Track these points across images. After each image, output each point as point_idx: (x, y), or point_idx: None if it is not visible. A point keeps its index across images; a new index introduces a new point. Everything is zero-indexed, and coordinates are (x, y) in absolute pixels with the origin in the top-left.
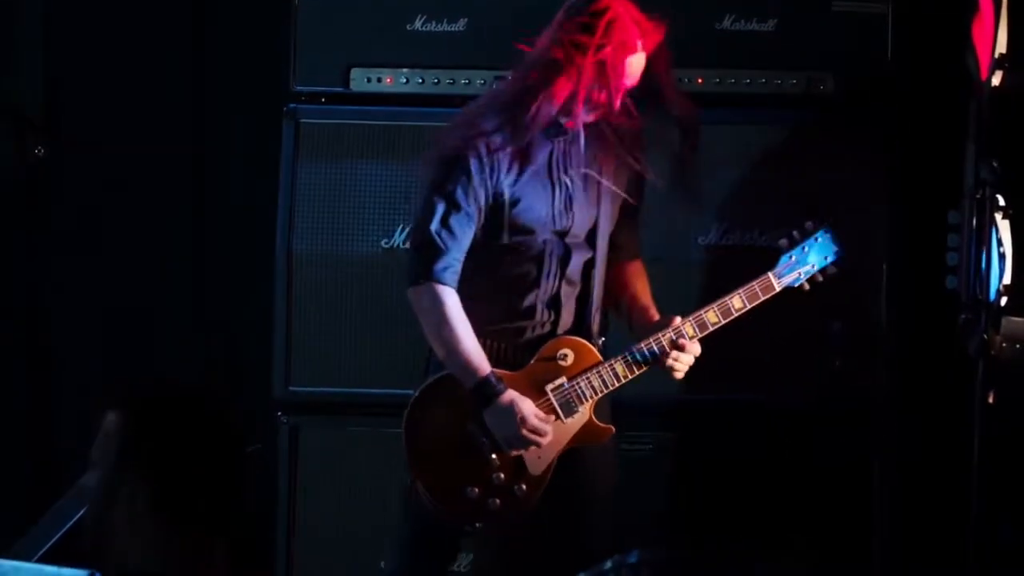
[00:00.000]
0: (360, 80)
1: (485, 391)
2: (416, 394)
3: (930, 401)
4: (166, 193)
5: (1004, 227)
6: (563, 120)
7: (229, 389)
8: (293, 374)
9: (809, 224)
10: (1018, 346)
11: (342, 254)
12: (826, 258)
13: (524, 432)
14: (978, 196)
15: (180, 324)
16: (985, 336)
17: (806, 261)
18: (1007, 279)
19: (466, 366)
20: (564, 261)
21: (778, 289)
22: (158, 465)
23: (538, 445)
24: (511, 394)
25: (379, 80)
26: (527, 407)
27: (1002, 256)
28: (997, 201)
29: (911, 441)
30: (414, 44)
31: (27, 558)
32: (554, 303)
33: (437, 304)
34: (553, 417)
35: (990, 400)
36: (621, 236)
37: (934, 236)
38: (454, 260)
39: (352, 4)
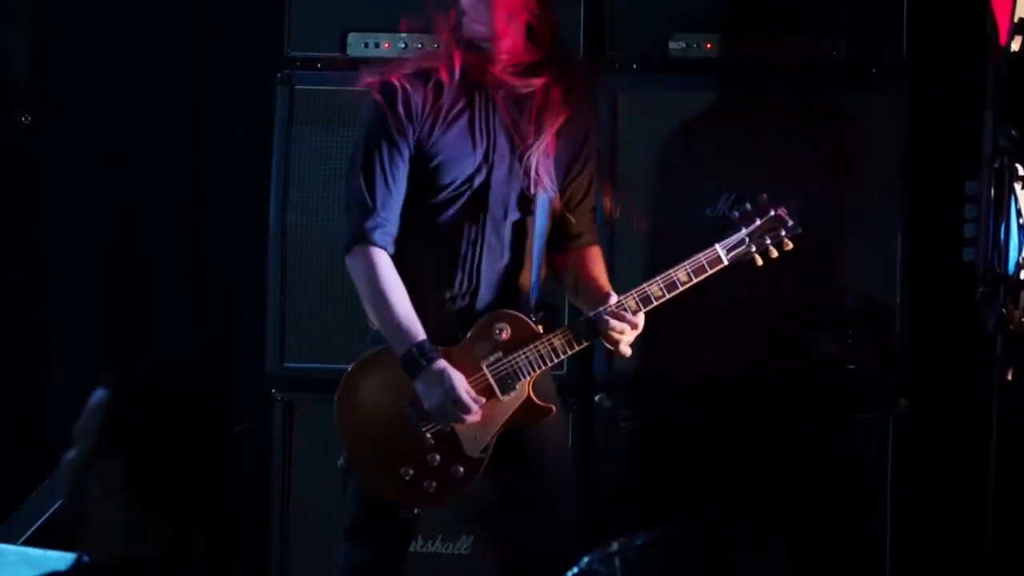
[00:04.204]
0: (357, 45)
1: (417, 357)
2: (349, 370)
3: (947, 378)
4: (158, 163)
5: (1023, 197)
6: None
7: (222, 365)
8: (287, 350)
9: (764, 196)
10: None
11: (338, 226)
12: (782, 232)
13: (450, 403)
14: (996, 165)
15: (173, 300)
16: (1004, 311)
17: (759, 237)
18: None
19: (399, 331)
20: (483, 224)
21: (726, 263)
22: (134, 444)
23: (461, 421)
24: (444, 363)
25: (376, 45)
26: (458, 378)
27: (1021, 227)
28: (1016, 170)
29: (927, 418)
30: (413, 8)
31: (12, 541)
32: (474, 271)
33: (368, 267)
34: (488, 396)
35: (1008, 377)
36: (580, 223)
37: (951, 207)
38: (384, 220)
39: None
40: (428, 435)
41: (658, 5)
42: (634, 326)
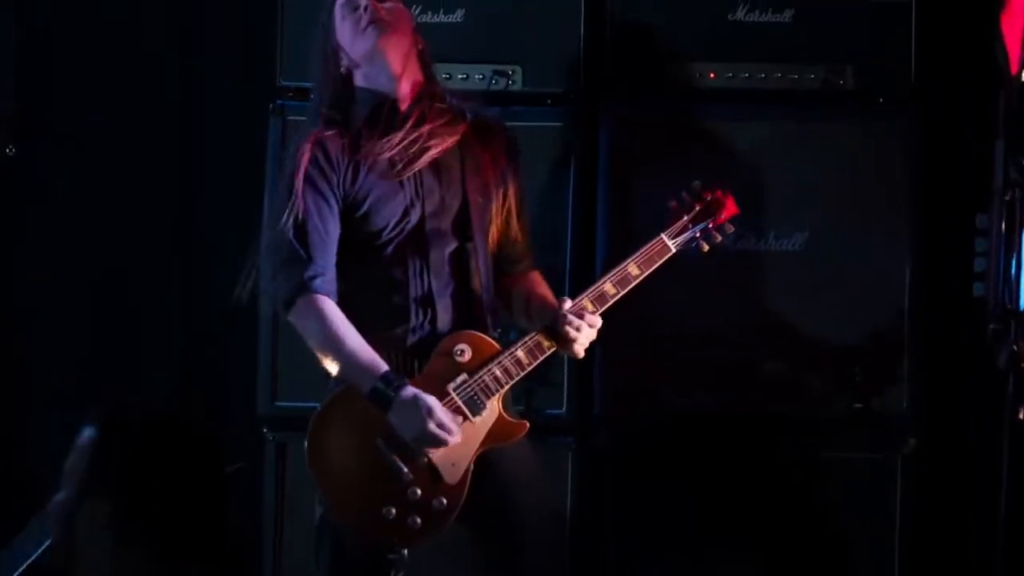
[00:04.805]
0: None
1: (385, 389)
2: (315, 418)
3: (956, 416)
4: (148, 195)
5: None
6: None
7: (214, 405)
8: (279, 389)
9: (697, 183)
10: None
11: None
12: (721, 216)
13: (431, 426)
14: (1007, 197)
15: (162, 336)
16: (1015, 348)
17: (700, 221)
18: None
19: (359, 368)
20: (426, 255)
21: (673, 251)
22: (124, 483)
23: (446, 443)
24: (414, 389)
25: None
26: (432, 400)
27: None
28: None
29: (936, 458)
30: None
31: None
32: (426, 301)
33: (317, 315)
34: (461, 418)
35: (1020, 416)
36: (516, 249)
37: (961, 240)
38: (323, 268)
39: None
40: (406, 470)
41: (659, 33)
42: (592, 325)
